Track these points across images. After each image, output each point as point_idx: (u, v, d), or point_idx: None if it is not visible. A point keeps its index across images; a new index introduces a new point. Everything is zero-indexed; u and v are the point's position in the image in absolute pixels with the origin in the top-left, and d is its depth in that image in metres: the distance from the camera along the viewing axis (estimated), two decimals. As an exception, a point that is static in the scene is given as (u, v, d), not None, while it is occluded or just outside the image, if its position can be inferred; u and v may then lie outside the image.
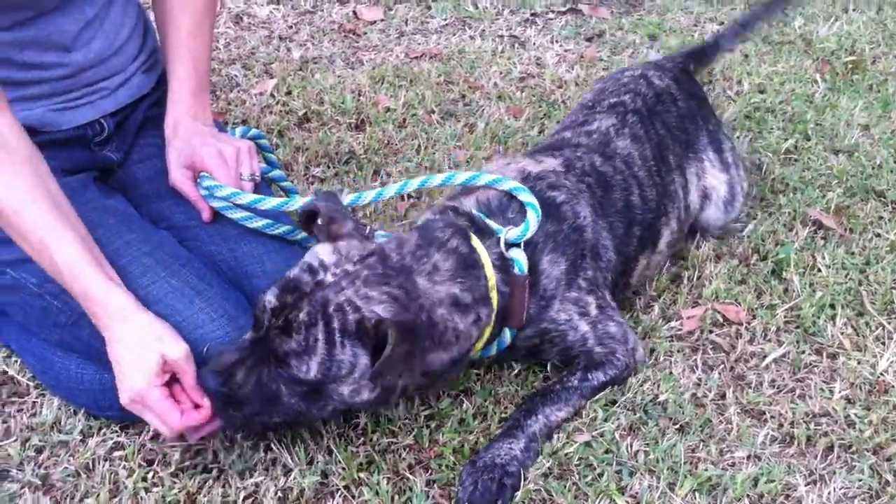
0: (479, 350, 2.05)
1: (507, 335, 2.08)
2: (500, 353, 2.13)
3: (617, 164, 2.39)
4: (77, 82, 2.13)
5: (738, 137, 3.18)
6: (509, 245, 2.05)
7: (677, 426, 2.09)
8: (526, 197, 2.11)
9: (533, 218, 2.08)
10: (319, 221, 1.93)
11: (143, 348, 1.80)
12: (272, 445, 1.98)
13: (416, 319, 1.79)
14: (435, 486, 1.93)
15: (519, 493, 1.90)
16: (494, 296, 1.99)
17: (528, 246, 2.08)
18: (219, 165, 2.11)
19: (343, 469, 1.94)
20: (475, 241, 2.01)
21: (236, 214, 2.12)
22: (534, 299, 2.09)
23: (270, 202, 2.08)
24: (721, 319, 2.41)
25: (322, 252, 1.86)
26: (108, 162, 2.27)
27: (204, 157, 2.11)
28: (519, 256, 2.03)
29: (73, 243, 1.83)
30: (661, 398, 2.15)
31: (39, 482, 1.90)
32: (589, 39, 3.93)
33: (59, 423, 2.03)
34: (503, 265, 2.03)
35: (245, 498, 1.87)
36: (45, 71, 2.06)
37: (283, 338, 1.77)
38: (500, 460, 1.93)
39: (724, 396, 2.18)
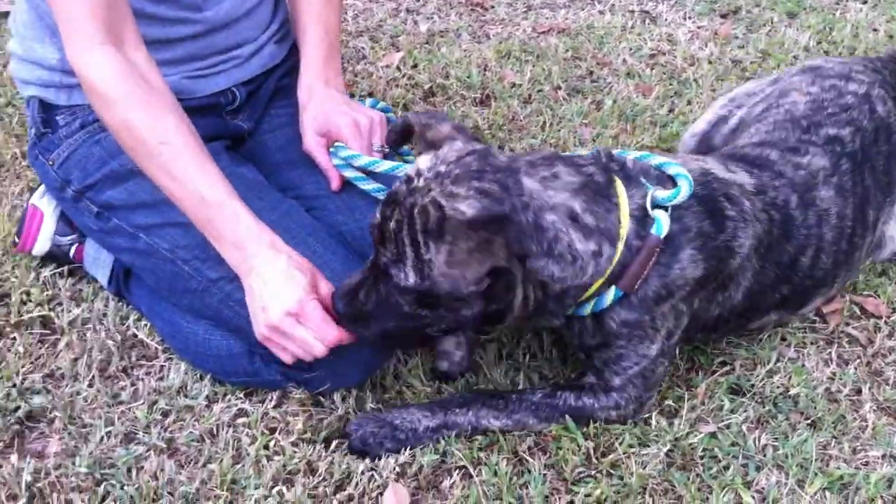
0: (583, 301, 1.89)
1: (611, 295, 1.86)
2: (593, 313, 1.91)
3: (809, 216, 2.08)
4: (210, 45, 2.16)
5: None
6: (655, 205, 1.85)
7: (808, 421, 2.01)
8: (676, 169, 1.90)
9: (685, 186, 1.85)
10: (416, 132, 1.88)
11: (294, 271, 1.82)
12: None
13: (510, 213, 1.65)
14: (552, 469, 1.91)
15: (635, 481, 1.85)
16: (620, 246, 1.81)
17: (678, 225, 1.87)
18: (354, 135, 2.11)
19: (463, 449, 1.93)
20: (618, 183, 1.84)
21: (367, 185, 2.12)
22: (658, 278, 1.87)
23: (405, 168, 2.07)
24: (859, 312, 2.30)
25: (421, 161, 1.79)
26: (239, 131, 2.30)
27: (340, 125, 2.12)
28: (662, 217, 1.83)
29: (221, 179, 1.86)
30: (792, 391, 2.07)
31: (164, 445, 1.94)
32: (724, 16, 3.79)
33: (186, 388, 2.07)
34: (642, 219, 1.83)
35: (364, 471, 1.88)
36: (179, 26, 2.09)
37: (381, 250, 1.77)
38: (398, 422, 1.92)
39: (859, 392, 2.09)
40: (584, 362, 2.03)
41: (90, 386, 2.05)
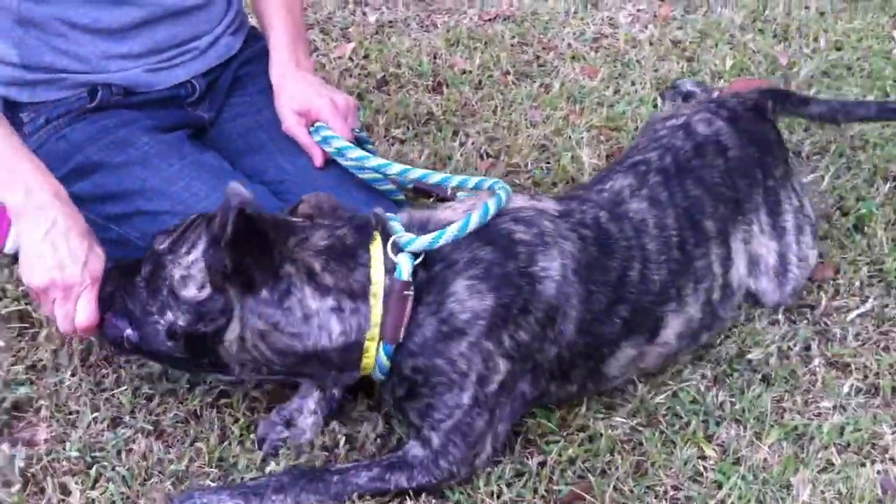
0: (371, 369, 1.83)
1: (382, 352, 1.78)
2: (385, 378, 1.85)
3: (625, 228, 2.00)
4: (168, 38, 2.23)
5: (817, 93, 3.15)
6: (399, 249, 1.78)
7: (761, 376, 2.13)
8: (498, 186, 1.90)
9: (453, 230, 1.79)
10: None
11: (62, 242, 1.85)
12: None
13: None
14: (521, 436, 1.99)
15: (603, 441, 1.95)
16: (375, 303, 1.76)
17: (442, 263, 1.80)
18: (333, 115, 2.18)
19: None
20: (376, 240, 1.80)
21: (347, 163, 2.18)
22: (432, 318, 1.78)
23: (373, 161, 2.13)
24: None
25: None
26: (200, 121, 2.36)
27: (320, 106, 2.19)
28: (401, 261, 1.76)
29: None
30: (746, 353, 2.19)
31: (151, 428, 1.98)
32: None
33: (167, 374, 2.11)
34: (393, 269, 1.77)
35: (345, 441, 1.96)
36: (128, 7, 2.14)
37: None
38: None
39: (808, 349, 2.21)
40: (405, 422, 1.95)
41: (73, 375, 2.09)
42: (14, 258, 2.35)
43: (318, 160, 2.23)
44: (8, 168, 1.88)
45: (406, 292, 1.75)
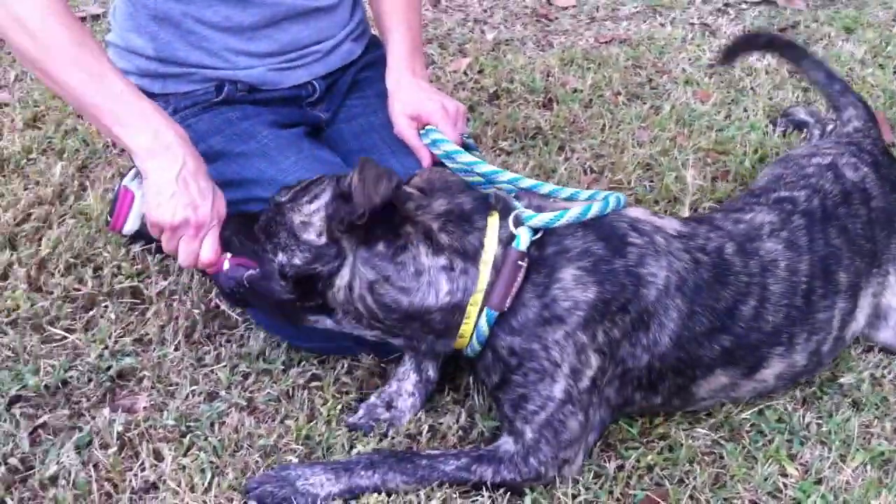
0: (467, 340, 1.88)
1: (484, 319, 1.83)
2: (478, 357, 1.90)
3: (750, 265, 1.99)
4: (293, 42, 2.34)
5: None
6: (520, 223, 1.85)
7: (851, 401, 2.10)
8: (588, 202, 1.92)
9: (574, 213, 1.85)
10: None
11: (192, 185, 1.92)
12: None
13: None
14: (602, 441, 2.02)
15: (683, 451, 1.96)
16: (484, 269, 1.82)
17: (556, 247, 1.86)
18: (443, 119, 2.24)
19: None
20: (492, 214, 1.87)
21: (455, 165, 2.18)
22: (536, 300, 1.83)
23: (484, 167, 2.13)
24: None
25: None
26: (317, 120, 2.47)
27: (431, 111, 2.25)
28: (521, 233, 1.82)
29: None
30: (838, 377, 2.17)
31: (245, 403, 2.08)
32: (782, 30, 3.89)
33: (265, 354, 2.21)
34: (508, 242, 1.84)
35: (428, 430, 2.02)
36: (265, 8, 2.26)
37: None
38: (300, 484, 1.81)
39: (903, 378, 2.18)
40: (499, 416, 1.96)
41: (176, 350, 2.21)
42: (132, 239, 2.52)
43: (426, 161, 2.30)
44: (135, 113, 1.94)
45: (521, 262, 1.81)
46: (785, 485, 1.91)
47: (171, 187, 1.90)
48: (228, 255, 1.97)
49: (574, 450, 1.87)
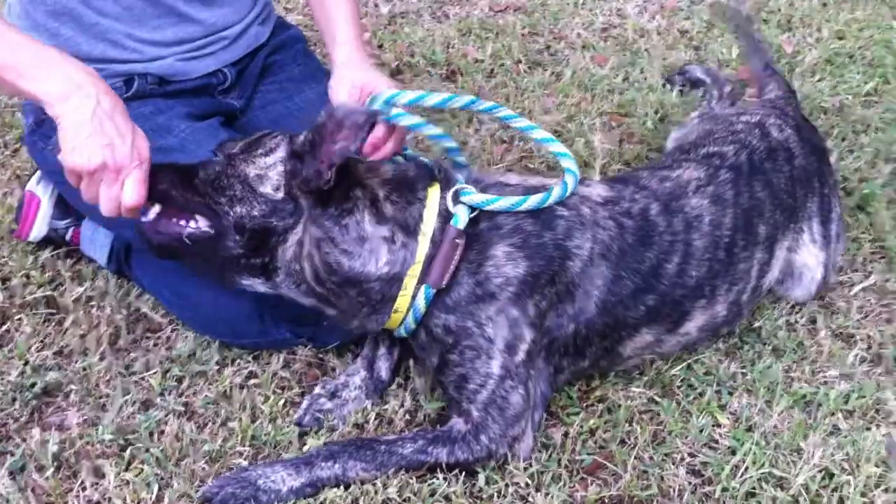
0: (402, 316, 1.91)
1: (422, 294, 1.86)
2: (416, 327, 1.92)
3: (674, 223, 2.04)
4: (199, 29, 2.29)
5: (821, 80, 3.24)
6: (459, 201, 1.89)
7: (771, 348, 2.21)
8: (568, 163, 1.99)
9: (509, 200, 1.90)
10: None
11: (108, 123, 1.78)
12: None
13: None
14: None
15: (622, 412, 2.03)
16: (423, 241, 1.86)
17: (488, 223, 1.90)
18: (390, 88, 2.16)
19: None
20: (433, 185, 1.91)
21: (431, 131, 2.11)
22: (469, 275, 1.87)
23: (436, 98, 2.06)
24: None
25: None
26: (231, 109, 2.43)
27: (379, 83, 2.14)
28: (458, 211, 1.87)
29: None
30: (755, 325, 2.27)
31: (182, 409, 2.03)
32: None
33: (195, 355, 2.17)
34: (446, 216, 1.88)
35: (375, 417, 2.04)
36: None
37: None
38: (262, 483, 1.81)
39: (815, 322, 2.30)
40: (445, 397, 1.99)
41: (101, 359, 2.13)
42: (38, 245, 2.43)
43: None
44: (39, 60, 1.80)
45: (458, 240, 1.85)
46: (720, 435, 2.00)
47: (86, 128, 1.75)
48: (157, 205, 1.90)
49: (521, 426, 1.89)
